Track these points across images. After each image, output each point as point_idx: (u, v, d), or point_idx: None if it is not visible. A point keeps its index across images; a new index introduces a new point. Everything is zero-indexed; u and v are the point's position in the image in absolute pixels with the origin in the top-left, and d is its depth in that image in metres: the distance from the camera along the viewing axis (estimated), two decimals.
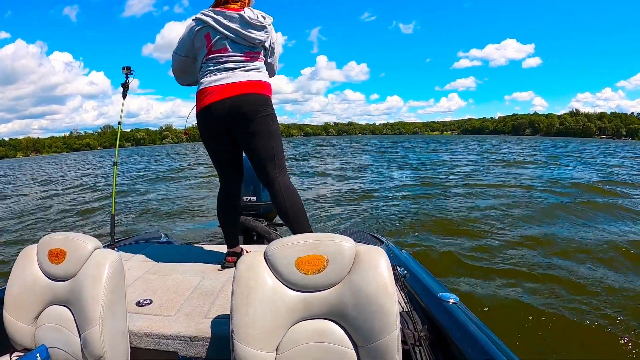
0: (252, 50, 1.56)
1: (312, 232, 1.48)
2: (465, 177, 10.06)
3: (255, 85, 1.54)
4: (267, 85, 1.59)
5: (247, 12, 1.52)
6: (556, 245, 3.88)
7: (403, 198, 7.10)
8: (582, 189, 7.62)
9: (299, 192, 1.65)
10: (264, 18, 1.56)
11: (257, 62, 1.58)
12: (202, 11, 1.55)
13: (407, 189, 8.21)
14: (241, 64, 1.54)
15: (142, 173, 15.12)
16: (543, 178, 9.66)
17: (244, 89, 1.51)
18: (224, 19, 1.51)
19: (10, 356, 1.10)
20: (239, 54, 1.54)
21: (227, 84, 1.51)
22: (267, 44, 1.61)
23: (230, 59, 1.53)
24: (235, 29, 1.51)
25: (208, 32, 1.53)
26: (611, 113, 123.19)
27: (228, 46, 1.53)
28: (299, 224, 1.59)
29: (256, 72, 1.57)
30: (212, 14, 1.52)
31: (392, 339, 0.85)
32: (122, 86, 2.26)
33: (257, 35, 1.53)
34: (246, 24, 1.51)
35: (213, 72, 1.54)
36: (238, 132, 1.58)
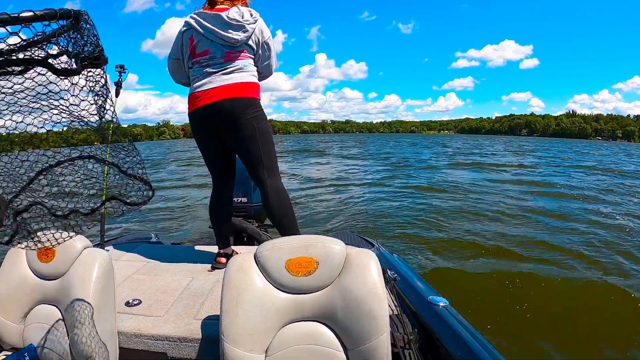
0: (233, 49, 1.54)
1: (299, 234, 1.48)
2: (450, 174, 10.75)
3: (236, 89, 1.52)
4: (250, 86, 1.56)
5: (230, 12, 1.50)
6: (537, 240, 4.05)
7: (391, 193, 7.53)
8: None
9: (289, 194, 1.66)
10: (251, 16, 1.52)
11: (238, 61, 1.55)
12: (191, 14, 1.57)
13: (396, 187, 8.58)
14: (221, 67, 1.53)
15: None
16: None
17: (224, 94, 1.51)
18: (204, 20, 1.51)
19: None
20: (219, 56, 1.53)
21: (208, 89, 1.52)
22: (251, 43, 1.57)
23: (210, 61, 1.53)
24: (213, 29, 1.50)
25: (192, 35, 1.55)
26: (607, 115, 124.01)
27: (209, 48, 1.53)
28: (285, 227, 1.60)
29: (238, 73, 1.54)
30: (196, 16, 1.53)
31: (382, 342, 0.86)
32: (115, 84, 2.22)
33: (234, 34, 1.51)
34: (225, 24, 1.49)
35: (198, 77, 1.55)
36: (224, 137, 1.58)
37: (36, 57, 0.54)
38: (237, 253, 1.74)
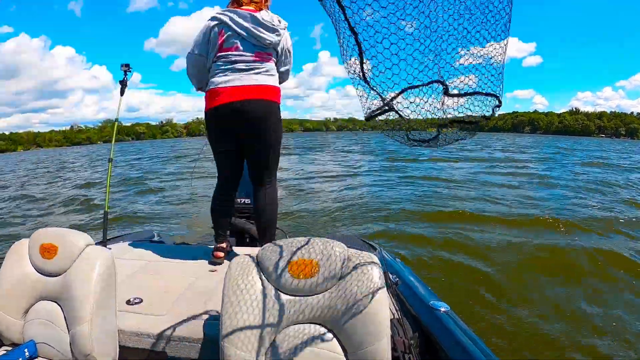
0: (263, 50, 1.56)
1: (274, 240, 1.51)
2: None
3: (264, 91, 1.54)
4: (276, 91, 1.59)
5: (262, 14, 1.52)
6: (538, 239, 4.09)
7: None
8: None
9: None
10: (279, 22, 1.56)
11: (267, 63, 1.57)
12: (217, 11, 1.57)
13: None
14: (250, 65, 1.54)
15: (138, 171, 15.02)
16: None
17: (253, 94, 1.52)
18: (238, 17, 1.52)
19: None
20: (249, 54, 1.54)
21: (236, 86, 1.52)
22: (279, 48, 1.60)
23: (240, 58, 1.53)
24: (247, 27, 1.51)
25: (222, 29, 1.54)
26: (611, 112, 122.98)
27: (239, 44, 1.53)
28: (264, 232, 1.70)
29: (266, 76, 1.56)
30: (227, 12, 1.54)
31: (382, 346, 0.85)
32: (120, 83, 2.24)
33: (268, 36, 1.53)
34: (258, 24, 1.51)
35: (224, 72, 1.54)
36: (243, 136, 1.60)
37: None
38: (232, 248, 1.79)
